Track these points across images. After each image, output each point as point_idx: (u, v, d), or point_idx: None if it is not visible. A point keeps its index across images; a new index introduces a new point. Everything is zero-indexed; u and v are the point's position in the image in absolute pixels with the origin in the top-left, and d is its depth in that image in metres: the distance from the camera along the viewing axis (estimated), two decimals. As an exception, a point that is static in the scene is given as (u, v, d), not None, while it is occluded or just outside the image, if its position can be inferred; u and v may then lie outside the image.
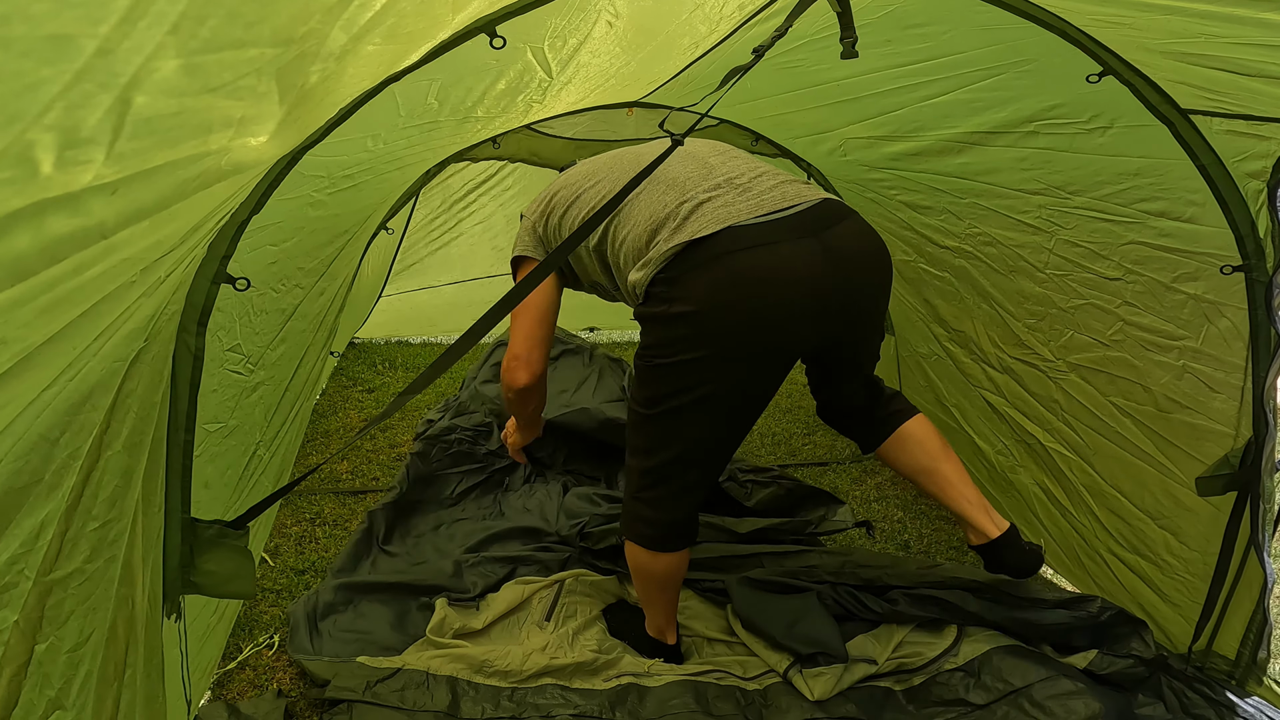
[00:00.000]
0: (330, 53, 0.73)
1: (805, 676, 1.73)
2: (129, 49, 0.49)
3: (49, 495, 0.81)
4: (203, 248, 1.17)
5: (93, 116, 0.50)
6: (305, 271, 1.96)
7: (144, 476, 1.07)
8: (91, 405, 0.85)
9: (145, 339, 0.99)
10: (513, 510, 2.45)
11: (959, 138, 2.02)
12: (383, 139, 1.78)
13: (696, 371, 1.40)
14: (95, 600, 0.89)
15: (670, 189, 1.48)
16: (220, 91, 0.61)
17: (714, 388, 1.42)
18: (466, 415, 2.86)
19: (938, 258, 2.42)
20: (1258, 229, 1.51)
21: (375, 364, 3.67)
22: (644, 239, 1.45)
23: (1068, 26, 1.51)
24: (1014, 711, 1.58)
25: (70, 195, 0.54)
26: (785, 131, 2.88)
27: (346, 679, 1.66)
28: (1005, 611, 1.79)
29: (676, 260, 1.38)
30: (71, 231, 0.57)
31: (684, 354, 1.39)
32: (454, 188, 3.89)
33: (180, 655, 1.32)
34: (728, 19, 1.66)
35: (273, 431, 1.88)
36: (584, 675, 1.76)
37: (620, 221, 1.53)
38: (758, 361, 1.43)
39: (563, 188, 1.69)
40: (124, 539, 0.96)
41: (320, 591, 1.96)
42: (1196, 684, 1.69)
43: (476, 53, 1.40)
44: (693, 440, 1.48)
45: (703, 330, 1.37)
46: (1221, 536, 1.67)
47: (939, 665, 1.74)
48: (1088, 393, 1.96)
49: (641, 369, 1.48)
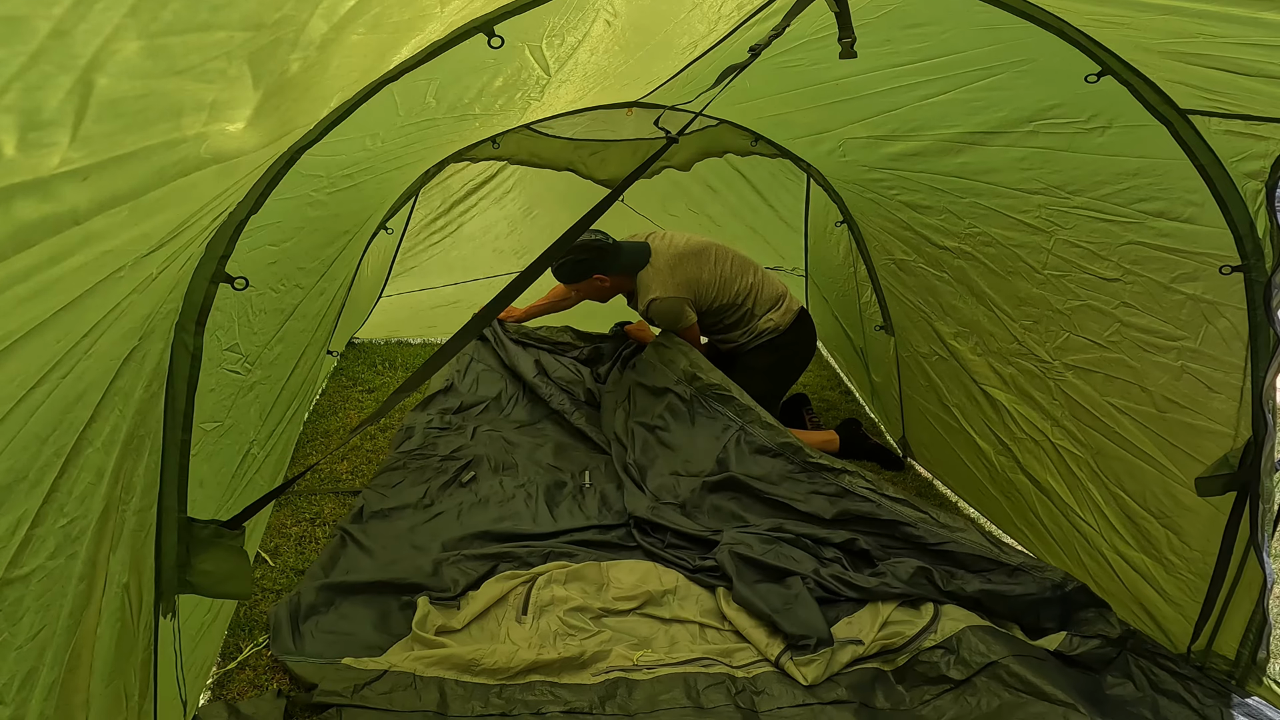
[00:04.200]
0: (310, 41, 0.72)
1: (796, 664, 1.77)
2: (86, 30, 0.49)
3: (30, 492, 0.81)
4: (200, 246, 1.17)
5: (53, 98, 0.50)
6: (305, 271, 1.96)
7: (129, 474, 1.06)
8: (83, 404, 0.85)
9: (140, 338, 0.99)
10: (490, 506, 2.44)
11: (958, 137, 2.02)
12: (381, 138, 1.78)
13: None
14: (51, 597, 0.89)
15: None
16: (188, 74, 0.61)
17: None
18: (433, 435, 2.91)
19: (937, 257, 2.42)
20: (1256, 229, 1.50)
21: (375, 364, 3.67)
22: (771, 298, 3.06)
23: (1066, 26, 1.50)
24: (993, 683, 1.68)
25: (40, 181, 0.53)
26: (785, 131, 2.88)
27: (333, 682, 1.65)
28: (979, 584, 1.95)
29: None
30: (42, 217, 0.56)
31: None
32: (454, 188, 3.88)
33: (175, 655, 1.32)
34: (726, 19, 1.66)
35: (267, 431, 1.87)
36: (572, 671, 1.76)
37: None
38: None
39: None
40: (86, 536, 0.95)
41: (301, 593, 1.94)
42: (1161, 659, 1.77)
43: (474, 51, 1.40)
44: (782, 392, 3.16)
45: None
46: (1221, 536, 1.67)
47: (919, 643, 1.82)
48: (1086, 393, 1.95)
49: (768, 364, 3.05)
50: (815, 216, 3.67)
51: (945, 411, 2.59)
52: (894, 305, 2.83)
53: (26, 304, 0.62)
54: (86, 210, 0.61)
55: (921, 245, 2.48)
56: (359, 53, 0.94)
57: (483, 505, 2.44)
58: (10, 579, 0.81)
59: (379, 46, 0.99)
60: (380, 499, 2.42)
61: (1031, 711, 1.58)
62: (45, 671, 0.89)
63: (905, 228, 2.53)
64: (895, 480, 2.82)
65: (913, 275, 2.60)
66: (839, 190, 2.94)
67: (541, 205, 4.02)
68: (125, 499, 1.06)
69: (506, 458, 2.77)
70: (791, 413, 3.23)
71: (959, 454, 2.56)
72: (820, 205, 3.47)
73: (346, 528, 2.25)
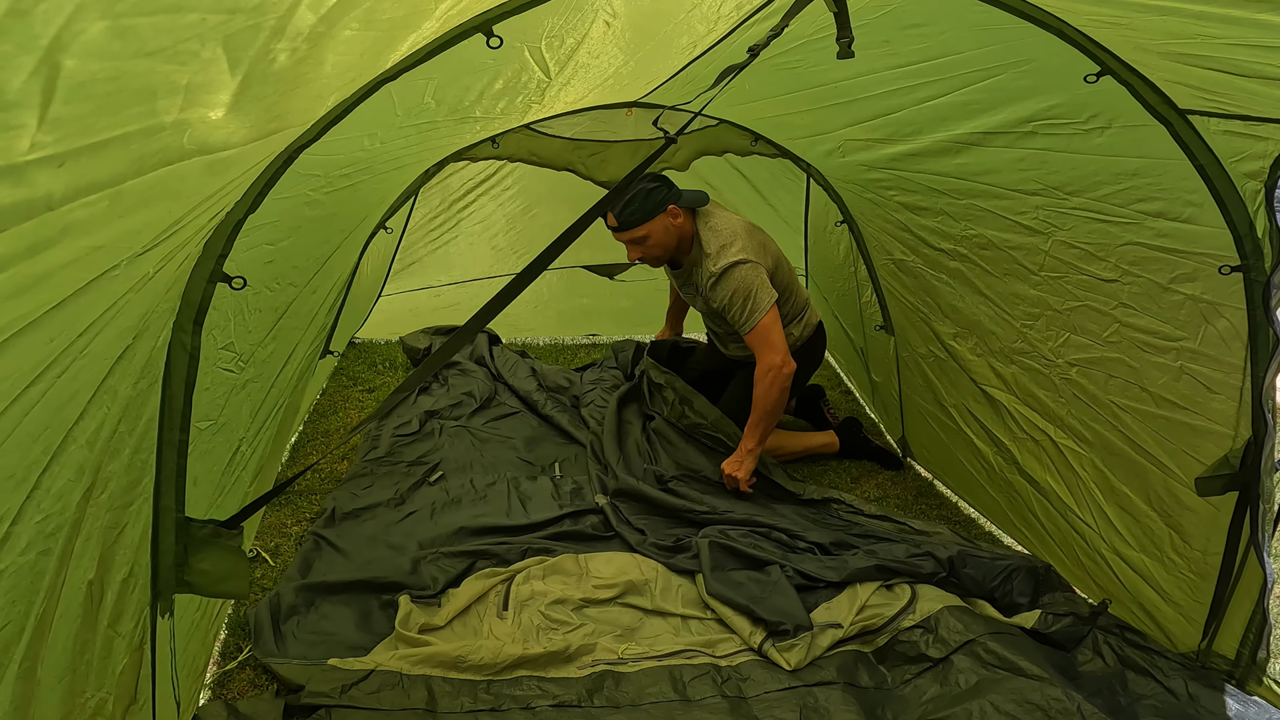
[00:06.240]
0: (298, 31, 0.72)
1: (779, 649, 1.81)
2: (46, 10, 0.48)
3: (15, 489, 0.80)
4: (197, 245, 1.17)
5: (16, 79, 0.49)
6: (300, 270, 1.96)
7: (104, 470, 1.05)
8: (75, 403, 0.84)
9: (134, 336, 0.99)
10: (463, 504, 2.45)
11: (957, 138, 2.01)
12: (380, 138, 1.78)
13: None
14: (19, 593, 0.88)
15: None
16: (159, 56, 0.60)
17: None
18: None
19: (935, 259, 2.42)
20: (1255, 229, 1.50)
21: (375, 364, 3.67)
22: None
23: (1065, 27, 1.50)
24: (971, 660, 1.72)
25: (12, 166, 0.53)
26: (784, 132, 2.88)
27: (320, 683, 1.65)
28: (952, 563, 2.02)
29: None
30: (14, 202, 0.56)
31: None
32: (453, 187, 3.88)
33: (170, 654, 1.32)
34: (725, 19, 1.66)
35: (256, 428, 1.87)
36: (558, 665, 1.77)
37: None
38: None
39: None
40: (61, 533, 0.95)
41: (281, 593, 1.93)
42: (1129, 634, 1.83)
43: (473, 52, 1.40)
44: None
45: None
46: (1224, 536, 1.66)
47: (898, 624, 1.87)
48: (1086, 393, 1.95)
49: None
50: (815, 216, 3.67)
51: (944, 412, 2.59)
52: (894, 305, 2.83)
53: (12, 299, 0.62)
54: (62, 197, 0.60)
55: (919, 246, 2.48)
56: (354, 49, 0.93)
57: (455, 503, 2.45)
58: None
59: (374, 44, 0.99)
60: (351, 499, 2.42)
61: (1009, 686, 1.62)
62: (12, 668, 0.88)
63: (903, 228, 2.53)
64: (895, 480, 2.82)
65: (912, 275, 2.60)
66: (839, 190, 2.94)
67: (541, 204, 4.02)
68: (99, 495, 1.05)
69: (476, 455, 2.77)
70: (809, 406, 3.19)
71: (958, 454, 2.56)
72: (820, 205, 3.47)
73: (319, 531, 2.24)
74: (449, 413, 3.09)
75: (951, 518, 2.56)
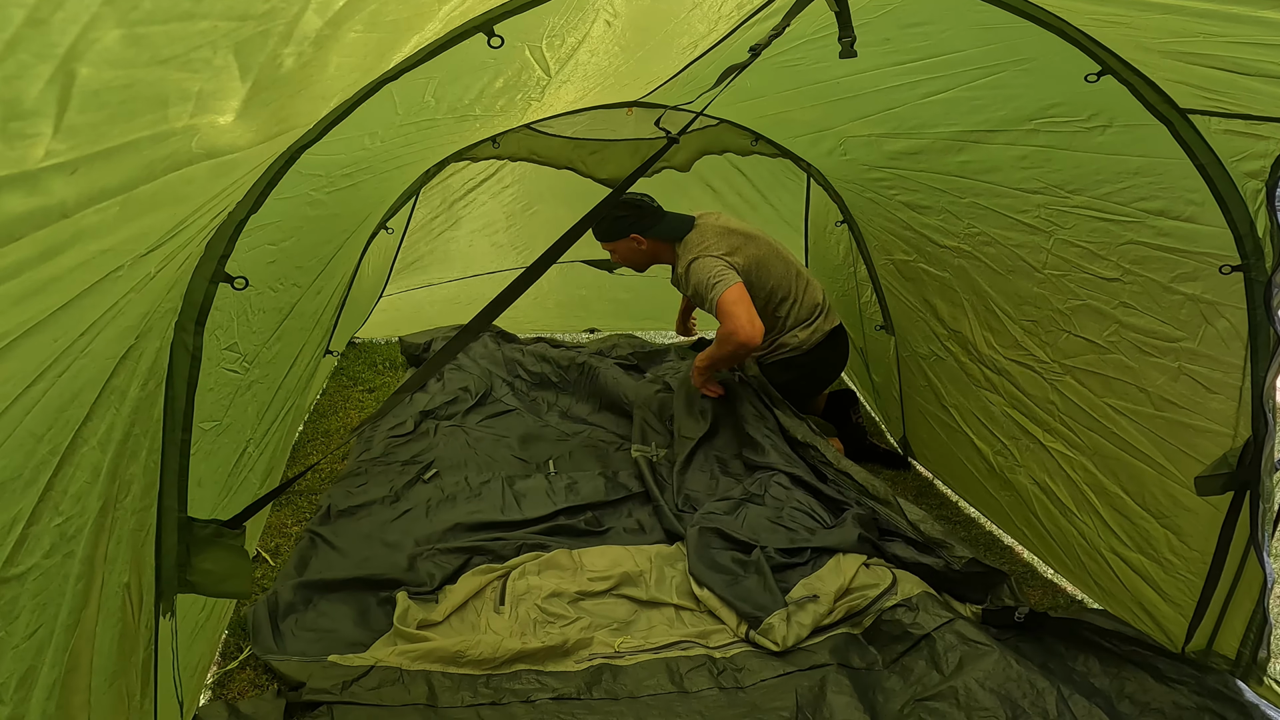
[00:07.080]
0: (305, 36, 0.72)
1: (763, 633, 1.85)
2: (63, 19, 0.48)
3: (25, 491, 0.80)
4: (199, 246, 1.17)
5: (34, 88, 0.49)
6: (303, 270, 1.96)
7: (126, 473, 1.06)
8: (79, 403, 0.84)
9: (136, 336, 0.99)
10: (458, 501, 2.45)
11: (958, 136, 2.01)
12: (381, 137, 1.78)
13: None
14: (48, 595, 0.89)
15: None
16: (172, 63, 0.60)
17: None
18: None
19: (937, 257, 2.42)
20: (1256, 228, 1.50)
21: (375, 363, 3.67)
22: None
23: (1066, 25, 1.50)
24: (952, 637, 1.78)
25: (27, 174, 0.53)
26: (785, 130, 2.88)
27: (321, 680, 1.66)
28: (915, 553, 2.11)
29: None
30: (29, 210, 0.56)
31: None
32: (454, 186, 3.89)
33: (173, 654, 1.32)
34: (726, 18, 1.66)
35: (263, 429, 1.87)
36: (556, 659, 1.79)
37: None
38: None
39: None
40: (83, 535, 0.95)
41: (279, 591, 1.93)
42: (1130, 634, 1.88)
43: (474, 51, 1.40)
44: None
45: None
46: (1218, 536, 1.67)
47: (881, 604, 1.94)
48: (1084, 394, 1.95)
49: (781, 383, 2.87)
50: (815, 216, 3.67)
51: (944, 412, 2.59)
52: (894, 305, 2.83)
53: (21, 304, 0.62)
54: (75, 204, 0.61)
55: (921, 245, 2.48)
56: (359, 51, 0.94)
57: (450, 501, 2.45)
58: (6, 578, 0.81)
59: (378, 45, 0.99)
60: (346, 497, 2.42)
61: (990, 659, 1.68)
62: (45, 671, 0.89)
63: (905, 228, 2.53)
64: (896, 480, 2.82)
65: (912, 275, 2.60)
66: (839, 190, 2.94)
67: (541, 201, 4.03)
68: (122, 498, 1.06)
69: (470, 454, 2.78)
70: (838, 411, 3.15)
71: (958, 454, 2.56)
72: (820, 205, 3.47)
73: (314, 529, 2.24)
74: (444, 411, 3.09)
75: (952, 517, 2.56)
